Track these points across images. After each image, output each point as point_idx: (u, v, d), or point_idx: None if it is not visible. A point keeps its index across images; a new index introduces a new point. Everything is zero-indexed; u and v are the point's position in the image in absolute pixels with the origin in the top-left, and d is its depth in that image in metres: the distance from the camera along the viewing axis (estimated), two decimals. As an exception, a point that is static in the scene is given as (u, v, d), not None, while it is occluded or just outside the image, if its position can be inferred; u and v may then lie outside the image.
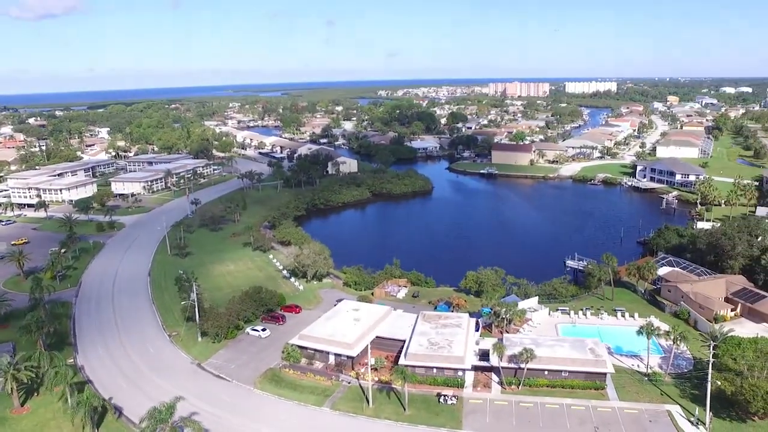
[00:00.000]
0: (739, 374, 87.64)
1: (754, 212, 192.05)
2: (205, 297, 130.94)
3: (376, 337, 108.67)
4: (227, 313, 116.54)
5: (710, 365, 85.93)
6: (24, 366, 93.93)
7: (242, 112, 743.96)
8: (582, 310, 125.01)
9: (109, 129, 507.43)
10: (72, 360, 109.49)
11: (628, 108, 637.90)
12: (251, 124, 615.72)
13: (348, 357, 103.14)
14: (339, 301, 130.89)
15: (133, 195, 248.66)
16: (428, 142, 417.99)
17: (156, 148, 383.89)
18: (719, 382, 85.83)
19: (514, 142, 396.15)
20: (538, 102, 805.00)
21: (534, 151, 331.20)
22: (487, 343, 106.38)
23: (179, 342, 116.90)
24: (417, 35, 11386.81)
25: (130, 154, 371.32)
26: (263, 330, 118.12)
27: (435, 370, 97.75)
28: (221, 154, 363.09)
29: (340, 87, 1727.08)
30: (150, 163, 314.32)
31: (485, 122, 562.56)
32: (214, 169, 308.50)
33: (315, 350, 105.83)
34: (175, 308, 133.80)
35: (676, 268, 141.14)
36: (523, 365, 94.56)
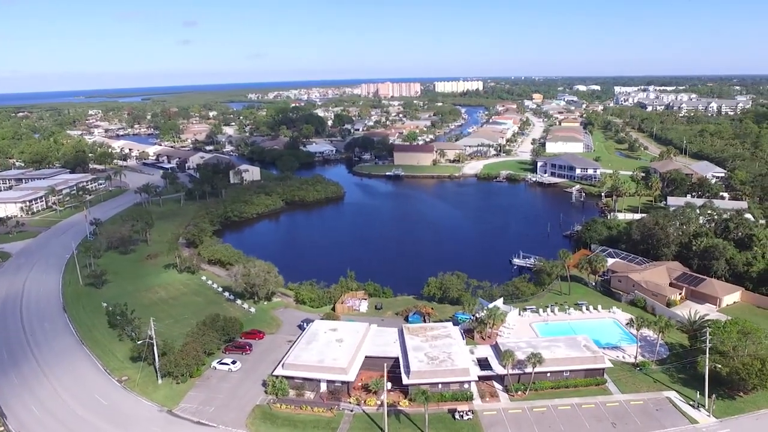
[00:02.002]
0: (723, 354, 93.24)
1: (655, 202, 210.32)
2: (144, 331, 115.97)
3: (365, 356, 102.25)
4: (192, 348, 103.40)
5: (707, 350, 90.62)
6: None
7: (107, 119, 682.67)
8: (549, 306, 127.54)
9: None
10: (2, 428, 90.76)
11: (503, 106, 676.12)
12: (121, 133, 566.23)
13: (343, 383, 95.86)
14: (305, 321, 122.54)
15: (10, 218, 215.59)
16: (323, 146, 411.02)
17: (20, 163, 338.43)
18: (719, 366, 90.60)
19: (408, 143, 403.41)
20: (415, 102, 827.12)
21: (435, 151, 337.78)
22: (482, 351, 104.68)
23: (135, 387, 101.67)
24: (280, 37, 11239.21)
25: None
26: (233, 362, 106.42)
27: (440, 386, 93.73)
28: (99, 167, 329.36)
29: (205, 90, 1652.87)
30: (19, 180, 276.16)
31: (371, 123, 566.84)
32: (99, 184, 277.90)
33: (304, 379, 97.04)
34: (113, 348, 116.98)
35: (617, 259, 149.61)
36: (529, 370, 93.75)
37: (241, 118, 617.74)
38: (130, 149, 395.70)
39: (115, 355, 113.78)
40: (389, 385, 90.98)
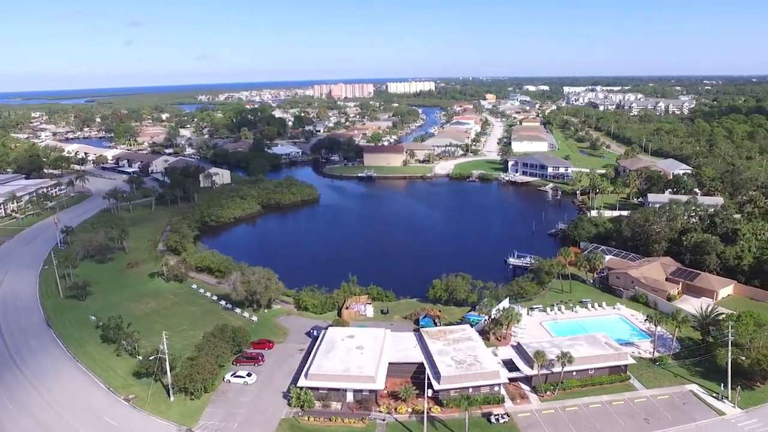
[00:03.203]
0: (740, 346, 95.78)
1: (630, 199, 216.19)
2: (143, 345, 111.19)
3: (389, 363, 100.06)
4: (206, 361, 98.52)
5: (729, 343, 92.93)
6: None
7: (53, 122, 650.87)
8: (555, 305, 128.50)
9: None
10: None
11: (461, 106, 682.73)
12: (71, 136, 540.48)
13: (371, 391, 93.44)
14: (314, 329, 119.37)
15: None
16: (289, 148, 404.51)
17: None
18: (741, 358, 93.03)
19: (373, 143, 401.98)
20: (372, 103, 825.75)
21: (405, 152, 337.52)
22: (504, 352, 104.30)
23: (146, 406, 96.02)
24: (227, 38, 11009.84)
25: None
26: (248, 375, 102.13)
27: (470, 390, 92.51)
28: (55, 171, 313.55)
29: (152, 92, 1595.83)
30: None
31: (331, 125, 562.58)
32: (60, 189, 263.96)
33: (329, 389, 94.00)
34: (112, 364, 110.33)
35: (611, 256, 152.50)
36: (557, 369, 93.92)
37: (197, 120, 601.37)
38: (86, 153, 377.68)
39: (116, 372, 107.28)
40: (430, 392, 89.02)
